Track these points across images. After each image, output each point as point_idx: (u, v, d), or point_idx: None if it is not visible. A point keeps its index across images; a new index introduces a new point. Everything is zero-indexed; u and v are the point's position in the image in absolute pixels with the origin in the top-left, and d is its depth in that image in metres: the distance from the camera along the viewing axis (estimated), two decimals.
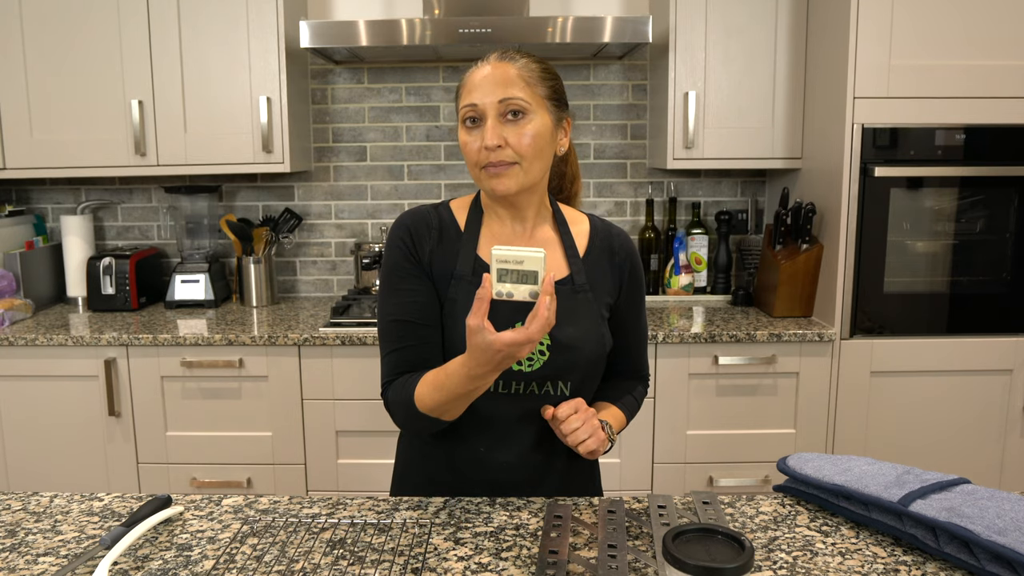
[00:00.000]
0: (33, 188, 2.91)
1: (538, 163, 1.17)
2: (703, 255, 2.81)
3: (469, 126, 1.15)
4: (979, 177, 2.24)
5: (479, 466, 1.24)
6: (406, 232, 1.21)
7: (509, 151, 1.13)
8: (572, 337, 1.20)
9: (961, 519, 0.95)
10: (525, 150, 1.14)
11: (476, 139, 1.14)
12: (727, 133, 2.51)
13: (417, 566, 0.98)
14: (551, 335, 1.19)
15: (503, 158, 1.13)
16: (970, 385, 2.30)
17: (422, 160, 2.86)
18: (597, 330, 1.23)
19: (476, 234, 1.24)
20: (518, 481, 1.24)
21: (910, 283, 2.30)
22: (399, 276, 1.20)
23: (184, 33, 2.45)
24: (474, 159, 1.15)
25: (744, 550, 0.76)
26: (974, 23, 2.17)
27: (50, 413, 2.35)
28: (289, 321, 2.48)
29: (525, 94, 1.13)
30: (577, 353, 1.20)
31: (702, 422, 2.35)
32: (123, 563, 0.99)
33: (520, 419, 1.22)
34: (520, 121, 1.13)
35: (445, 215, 1.25)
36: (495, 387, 1.20)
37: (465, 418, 1.22)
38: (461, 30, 2.31)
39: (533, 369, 1.19)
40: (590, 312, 1.23)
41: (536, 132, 1.14)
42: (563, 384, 1.22)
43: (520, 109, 1.13)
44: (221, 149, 2.50)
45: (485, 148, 1.12)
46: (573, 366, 1.21)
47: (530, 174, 1.16)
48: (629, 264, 1.29)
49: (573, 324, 1.20)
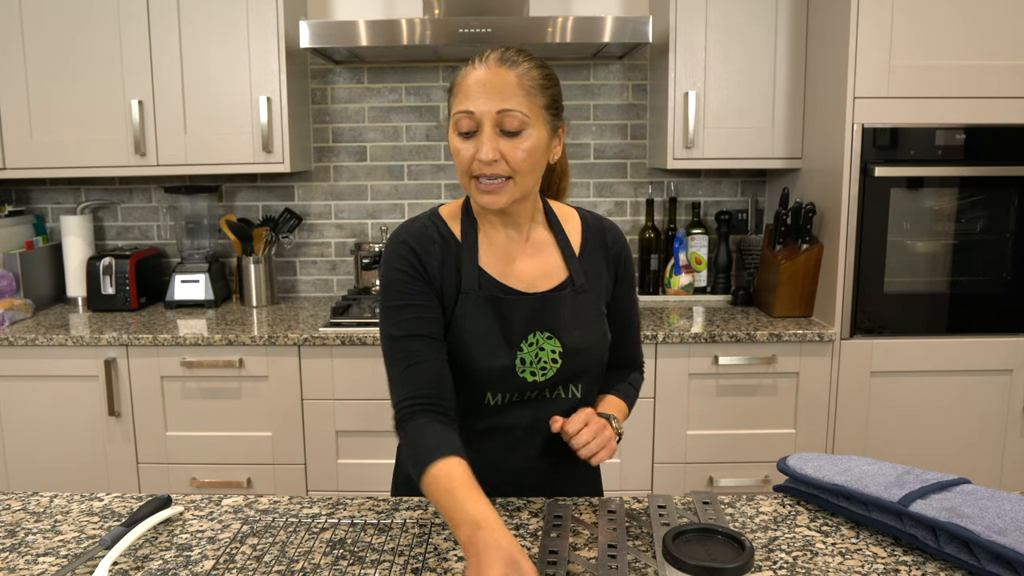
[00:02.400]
0: (33, 188, 2.91)
1: (532, 176, 1.14)
2: (703, 255, 2.81)
3: (462, 134, 1.11)
4: (979, 177, 2.24)
5: (487, 473, 1.23)
6: (408, 248, 1.17)
7: (504, 165, 1.09)
8: (580, 341, 1.20)
9: (961, 519, 0.95)
10: (520, 165, 1.10)
11: (469, 148, 1.10)
12: (727, 133, 2.51)
13: (417, 566, 0.98)
14: (561, 342, 1.19)
15: (497, 172, 1.10)
16: (970, 385, 2.30)
17: (422, 160, 2.86)
18: (600, 328, 1.24)
19: (474, 245, 1.20)
20: (523, 488, 1.23)
21: (910, 283, 2.30)
22: (409, 291, 1.15)
23: (184, 33, 2.45)
24: (465, 167, 1.11)
25: (744, 550, 0.76)
26: (974, 23, 2.17)
27: (50, 413, 2.35)
28: (289, 321, 2.48)
29: (524, 106, 1.09)
30: (587, 355, 1.20)
31: (702, 422, 2.35)
32: (123, 563, 0.99)
33: (530, 426, 1.21)
34: (516, 138, 1.09)
35: (442, 228, 1.20)
36: (506, 398, 1.19)
37: (477, 428, 1.21)
38: (461, 30, 2.31)
39: (547, 378, 1.19)
40: (592, 311, 1.23)
41: (532, 147, 1.10)
42: (574, 387, 1.22)
43: (517, 126, 1.09)
44: (221, 149, 2.50)
45: (479, 160, 1.09)
46: (584, 369, 1.21)
47: (522, 188, 1.13)
48: (622, 257, 1.30)
49: (580, 327, 1.20)
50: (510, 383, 1.17)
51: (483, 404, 1.19)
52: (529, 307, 1.18)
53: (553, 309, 1.19)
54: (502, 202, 1.12)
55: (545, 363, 1.18)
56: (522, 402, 1.20)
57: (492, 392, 1.18)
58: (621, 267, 1.29)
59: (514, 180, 1.11)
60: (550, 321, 1.19)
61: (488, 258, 1.21)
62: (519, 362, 1.17)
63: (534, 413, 1.21)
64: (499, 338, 1.16)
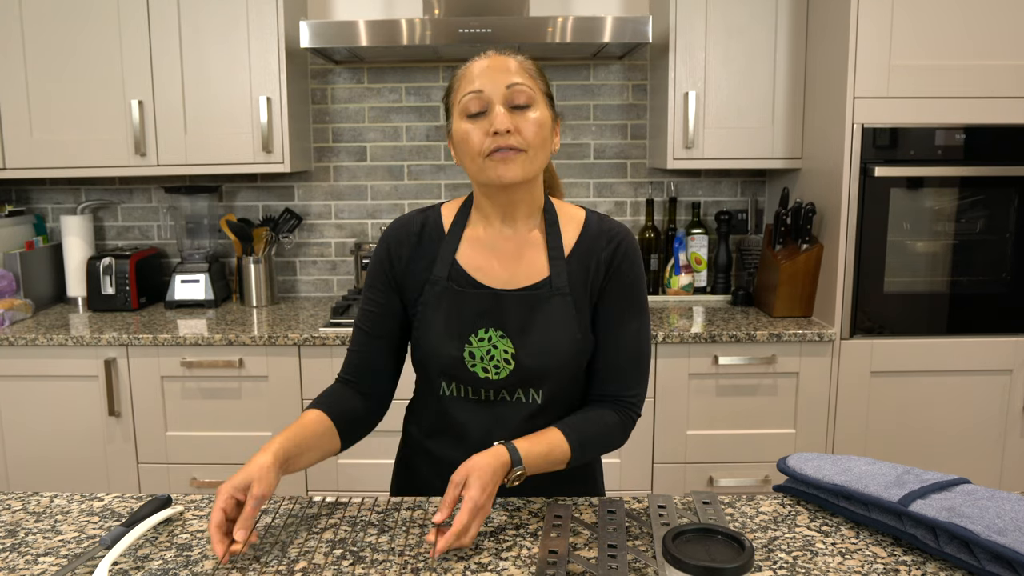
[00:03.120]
0: (33, 188, 2.91)
1: (542, 154, 1.16)
2: (703, 255, 2.81)
3: (471, 116, 1.13)
4: (979, 177, 2.24)
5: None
6: (384, 243, 1.25)
7: (518, 137, 1.12)
8: (539, 343, 1.16)
9: (961, 519, 0.95)
10: (532, 139, 1.13)
11: (480, 127, 1.12)
12: (727, 133, 2.51)
13: (417, 566, 0.98)
14: (514, 343, 1.16)
15: (512, 143, 1.11)
16: (970, 385, 2.30)
17: (422, 160, 2.86)
18: (571, 334, 1.17)
19: (457, 238, 1.22)
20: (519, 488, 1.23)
21: (910, 283, 2.30)
22: (368, 285, 1.26)
23: (184, 33, 2.45)
24: (477, 148, 1.12)
25: (744, 550, 0.76)
26: (974, 23, 2.17)
27: (50, 413, 2.35)
28: (289, 321, 2.48)
29: (529, 83, 1.14)
30: (547, 359, 1.16)
31: (702, 422, 2.35)
32: (123, 563, 0.99)
33: (495, 426, 1.20)
34: (526, 111, 1.13)
35: (432, 217, 1.24)
36: (464, 392, 1.21)
37: (440, 424, 1.24)
38: (461, 30, 2.31)
39: (500, 377, 1.18)
40: (565, 315, 1.17)
41: (541, 122, 1.14)
42: (534, 391, 1.19)
43: (526, 98, 1.13)
44: (221, 149, 2.50)
45: (494, 133, 1.11)
46: (543, 373, 1.17)
47: (534, 164, 1.15)
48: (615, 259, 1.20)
49: (543, 329, 1.17)
50: (462, 376, 1.19)
51: (439, 394, 1.22)
52: (483, 302, 1.18)
53: (509, 308, 1.18)
54: (517, 173, 1.13)
55: (498, 362, 1.17)
56: (481, 402, 1.20)
57: (446, 382, 1.21)
58: (615, 263, 1.19)
59: (527, 153, 1.13)
60: (503, 320, 1.18)
61: (469, 252, 1.22)
62: (468, 355, 1.18)
63: (496, 413, 1.20)
64: (450, 328, 1.18)
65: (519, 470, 1.08)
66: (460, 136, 1.15)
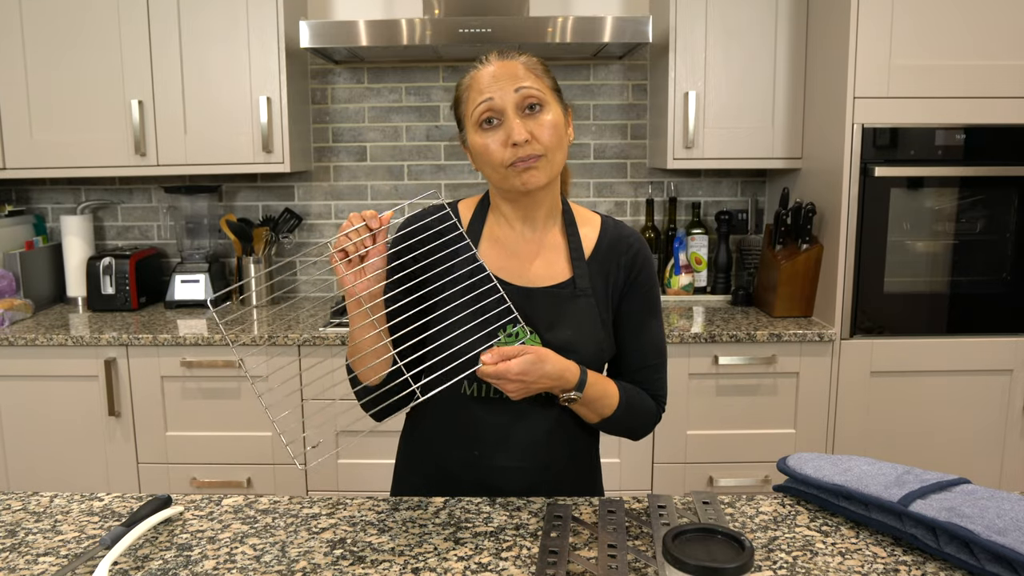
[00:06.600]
0: (33, 188, 2.91)
1: (559, 154, 1.17)
2: (703, 255, 2.81)
3: (486, 128, 1.14)
4: (979, 177, 2.24)
5: (475, 471, 1.23)
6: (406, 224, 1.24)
7: (536, 144, 1.13)
8: (567, 341, 1.18)
9: (961, 519, 0.95)
10: (548, 141, 1.13)
11: (497, 138, 1.13)
12: (727, 133, 2.51)
13: (417, 566, 0.98)
14: (544, 339, 1.18)
15: (532, 151, 1.12)
16: (970, 385, 2.30)
17: (422, 160, 2.86)
18: (595, 334, 1.21)
19: (477, 235, 1.24)
20: (516, 487, 1.23)
21: (910, 283, 2.30)
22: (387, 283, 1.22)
23: (184, 33, 2.45)
24: (498, 159, 1.13)
25: (744, 550, 0.76)
26: (974, 23, 2.17)
27: (50, 413, 2.35)
28: (289, 321, 2.48)
29: (537, 84, 1.14)
30: (572, 356, 1.18)
31: (702, 422, 2.35)
32: (123, 563, 0.99)
33: (514, 423, 1.21)
34: (538, 114, 1.13)
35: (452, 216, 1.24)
36: (485, 391, 1.20)
37: (451, 424, 1.23)
38: (461, 30, 2.31)
39: None
40: (590, 316, 1.21)
41: (555, 122, 1.14)
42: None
43: (537, 101, 1.13)
44: (221, 149, 2.50)
45: (513, 145, 1.11)
46: None
47: (554, 165, 1.16)
48: (635, 267, 1.25)
49: (571, 327, 1.19)
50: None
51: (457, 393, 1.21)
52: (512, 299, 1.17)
53: (540, 306, 1.19)
54: (542, 178, 1.14)
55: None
56: (503, 400, 1.20)
57: (467, 380, 1.19)
58: (635, 271, 1.24)
59: (547, 157, 1.14)
60: (533, 317, 1.18)
61: (490, 251, 1.22)
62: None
63: (517, 411, 1.20)
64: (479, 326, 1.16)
65: (576, 394, 1.14)
66: (478, 149, 1.16)
